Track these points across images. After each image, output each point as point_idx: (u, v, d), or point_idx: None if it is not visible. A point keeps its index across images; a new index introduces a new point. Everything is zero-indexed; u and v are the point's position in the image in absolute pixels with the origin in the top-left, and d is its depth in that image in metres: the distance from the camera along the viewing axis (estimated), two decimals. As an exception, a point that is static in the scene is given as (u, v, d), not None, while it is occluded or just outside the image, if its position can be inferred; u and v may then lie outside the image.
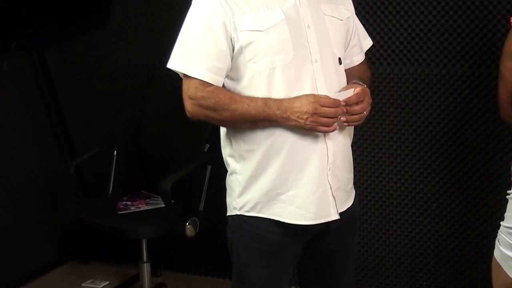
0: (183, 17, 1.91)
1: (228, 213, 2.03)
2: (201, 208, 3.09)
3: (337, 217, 1.94)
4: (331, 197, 1.92)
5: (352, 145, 2.04)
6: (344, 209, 1.99)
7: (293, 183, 1.88)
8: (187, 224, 2.92)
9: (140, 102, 3.58)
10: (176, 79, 1.95)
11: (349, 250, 2.14)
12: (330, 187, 1.91)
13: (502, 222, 1.92)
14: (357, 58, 2.13)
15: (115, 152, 3.46)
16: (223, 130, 2.00)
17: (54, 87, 3.68)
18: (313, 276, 2.13)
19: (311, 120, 1.76)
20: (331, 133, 1.86)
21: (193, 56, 1.85)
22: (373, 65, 2.93)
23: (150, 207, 3.14)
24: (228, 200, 2.03)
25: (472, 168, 2.91)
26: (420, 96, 2.93)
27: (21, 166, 3.54)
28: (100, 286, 3.59)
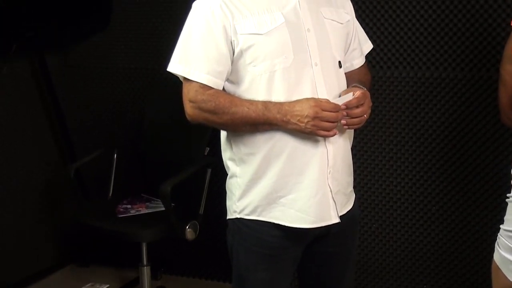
0: (183, 21, 1.91)
1: (228, 217, 2.03)
2: (201, 212, 3.09)
3: (337, 220, 1.94)
4: (331, 201, 1.92)
5: (352, 149, 2.04)
6: (344, 212, 1.99)
7: (293, 187, 1.88)
8: (187, 228, 2.92)
9: (140, 105, 3.58)
10: (176, 83, 1.95)
11: (349, 254, 2.14)
12: (330, 191, 1.91)
13: (502, 226, 1.92)
14: (357, 62, 2.13)
15: (115, 155, 3.46)
16: (224, 134, 2.00)
17: (54, 90, 3.68)
18: (313, 280, 2.13)
19: (312, 124, 1.76)
20: (331, 137, 1.86)
21: (193, 60, 1.85)
22: (373, 69, 2.93)
23: (150, 211, 3.14)
24: (228, 204, 2.03)
25: (472, 172, 2.91)
26: (420, 100, 2.93)
27: (21, 169, 3.54)
28: (100, 290, 3.60)
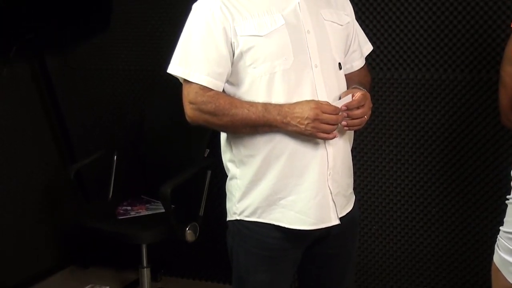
0: (183, 22, 1.91)
1: (228, 218, 2.03)
2: (201, 213, 3.09)
3: (337, 222, 1.94)
4: (331, 202, 1.92)
5: (352, 150, 2.04)
6: (344, 214, 1.99)
7: (293, 188, 1.88)
8: (187, 229, 2.92)
9: (140, 107, 3.58)
10: (177, 84, 1.95)
11: (349, 255, 2.14)
12: (330, 192, 1.91)
13: (502, 227, 1.92)
14: (357, 63, 2.13)
15: (115, 157, 3.45)
16: (224, 136, 2.00)
17: (54, 92, 3.68)
18: (313, 281, 2.13)
19: (312, 126, 1.76)
20: (331, 139, 1.86)
21: (193, 61, 1.85)
22: (373, 70, 2.93)
23: (150, 212, 3.14)
24: (228, 205, 2.03)
25: (472, 173, 2.91)
26: (420, 101, 2.93)
27: (22, 171, 3.54)
28: (100, 291, 3.60)
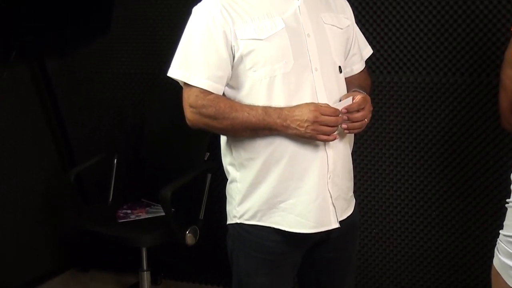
0: (184, 26, 1.91)
1: (228, 222, 2.03)
2: (201, 217, 3.09)
3: (337, 226, 1.94)
4: (331, 206, 1.92)
5: (352, 154, 2.04)
6: (344, 218, 1.99)
7: (293, 192, 1.88)
8: (187, 233, 2.92)
9: (141, 111, 3.58)
10: (177, 88, 1.95)
11: (349, 259, 2.14)
12: (330, 196, 1.91)
13: (501, 231, 1.91)
14: (357, 67, 2.13)
15: (115, 161, 3.45)
16: (224, 139, 2.00)
17: (55, 96, 3.68)
18: (313, 285, 2.13)
19: (312, 129, 1.76)
20: (331, 142, 1.86)
21: (194, 65, 1.85)
22: (373, 74, 2.93)
23: (150, 216, 3.13)
24: (228, 209, 2.03)
25: (472, 177, 2.91)
26: (420, 105, 2.93)
27: (22, 174, 3.54)
28: (100, 294, 3.60)
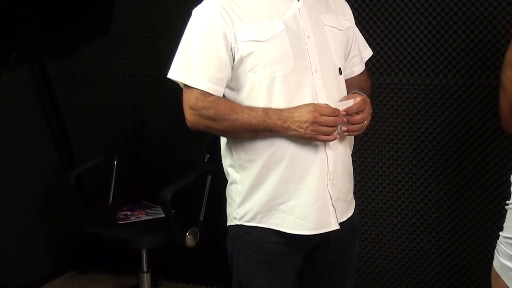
0: (184, 27, 1.91)
1: (228, 223, 2.03)
2: (201, 218, 3.09)
3: (337, 227, 1.94)
4: (331, 207, 1.92)
5: (352, 155, 2.04)
6: (344, 219, 1.99)
7: (293, 193, 1.88)
8: (187, 234, 2.91)
9: (141, 112, 3.59)
10: (177, 90, 1.95)
11: (349, 260, 2.14)
12: (330, 197, 1.91)
13: (501, 233, 1.91)
14: (357, 68, 2.13)
15: (116, 162, 3.45)
16: (224, 141, 2.00)
17: (55, 97, 3.68)
18: (314, 286, 2.13)
19: (311, 129, 1.76)
20: (331, 143, 1.86)
21: (194, 66, 1.85)
22: (373, 75, 2.93)
23: (150, 217, 3.13)
24: (228, 210, 2.03)
25: (472, 178, 2.91)
26: (420, 106, 2.93)
27: (22, 176, 3.54)
28: (100, 296, 3.60)
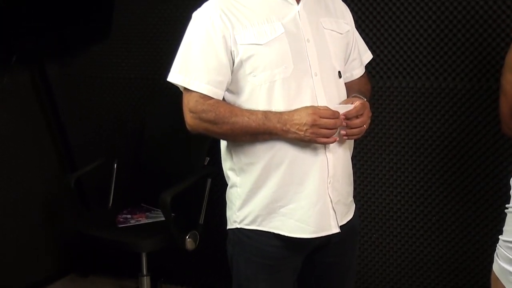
0: (184, 31, 1.91)
1: (228, 227, 2.03)
2: (201, 222, 3.08)
3: (338, 231, 1.94)
4: (332, 210, 1.92)
5: (352, 158, 2.04)
6: (345, 222, 1.99)
7: (293, 196, 1.88)
8: (187, 237, 2.91)
9: (141, 115, 3.58)
10: (177, 93, 1.95)
11: (349, 263, 2.14)
12: (331, 200, 1.91)
13: (501, 236, 1.91)
14: (357, 72, 2.13)
15: (116, 165, 3.45)
16: (224, 144, 2.00)
17: (55, 100, 3.68)
18: (313, 290, 2.13)
19: (310, 132, 1.76)
20: (331, 146, 1.86)
21: (194, 70, 1.85)
22: (373, 79, 2.93)
23: (150, 220, 3.13)
24: (228, 214, 2.03)
25: (472, 182, 2.90)
26: (420, 110, 2.93)
27: (22, 179, 3.54)
28: (100, 299, 3.60)
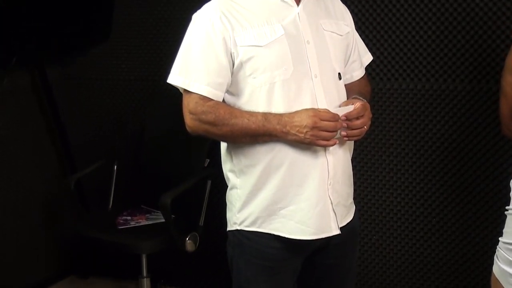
0: (183, 32, 1.91)
1: (228, 228, 2.03)
2: (201, 223, 3.08)
3: (338, 232, 1.93)
4: (332, 212, 1.92)
5: (352, 160, 2.04)
6: (345, 224, 1.99)
7: (293, 198, 1.88)
8: (187, 239, 2.91)
9: (141, 117, 3.58)
10: (177, 94, 1.95)
11: (349, 265, 2.14)
12: (331, 202, 1.91)
13: (501, 238, 1.91)
14: (357, 73, 2.13)
15: (116, 167, 3.45)
16: (224, 146, 2.00)
17: (55, 102, 3.68)
18: (313, 291, 2.13)
19: (311, 134, 1.76)
20: (331, 148, 1.86)
21: (194, 71, 1.85)
22: (373, 80, 2.93)
23: (150, 222, 3.13)
24: (228, 215, 2.03)
25: (472, 183, 2.90)
26: (420, 111, 2.93)
27: (22, 180, 3.54)
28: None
